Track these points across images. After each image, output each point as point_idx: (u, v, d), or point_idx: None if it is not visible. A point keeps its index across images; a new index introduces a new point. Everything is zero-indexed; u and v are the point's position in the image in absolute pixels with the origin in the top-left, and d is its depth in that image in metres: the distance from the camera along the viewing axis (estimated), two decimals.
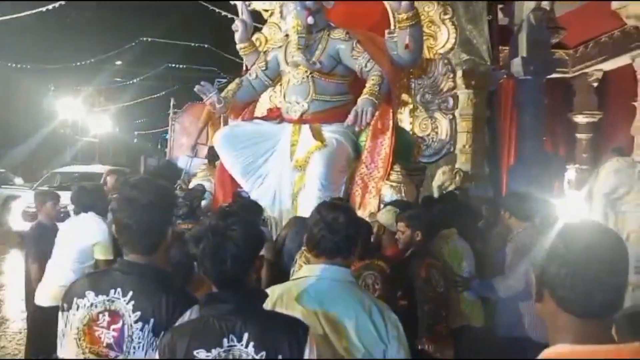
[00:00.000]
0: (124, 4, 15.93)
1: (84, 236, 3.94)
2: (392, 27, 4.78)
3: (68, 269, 3.82)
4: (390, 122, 4.18)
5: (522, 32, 6.33)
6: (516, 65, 6.35)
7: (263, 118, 4.71)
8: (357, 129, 3.99)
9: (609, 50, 10.14)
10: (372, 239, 3.01)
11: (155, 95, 22.06)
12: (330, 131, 4.19)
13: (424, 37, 4.56)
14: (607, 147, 10.97)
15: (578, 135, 11.49)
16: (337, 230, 1.84)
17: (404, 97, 4.90)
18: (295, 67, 4.37)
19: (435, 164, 5.61)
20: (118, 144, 32.24)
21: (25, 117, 22.06)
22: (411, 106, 4.90)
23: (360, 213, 3.70)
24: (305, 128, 4.25)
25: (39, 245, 4.47)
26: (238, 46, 5.01)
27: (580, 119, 11.40)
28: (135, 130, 33.49)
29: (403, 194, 3.85)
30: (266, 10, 5.66)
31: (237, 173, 4.33)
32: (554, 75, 8.44)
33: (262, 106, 5.11)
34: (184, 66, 20.05)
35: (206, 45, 17.00)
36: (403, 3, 4.02)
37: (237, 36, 4.93)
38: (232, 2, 5.39)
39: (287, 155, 4.23)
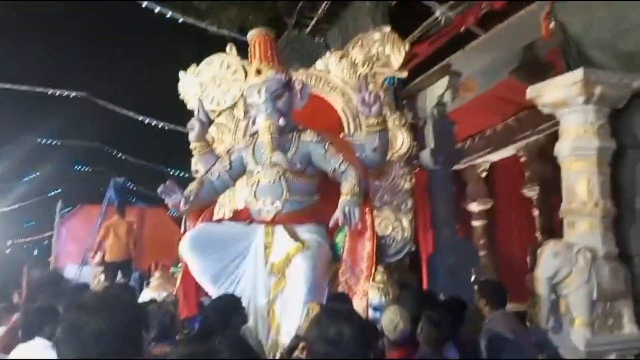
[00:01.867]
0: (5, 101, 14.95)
1: None
2: (346, 130, 4.98)
3: None
4: (369, 222, 4.08)
5: (427, 125, 6.65)
6: (425, 157, 6.60)
7: (231, 219, 4.50)
8: (347, 230, 3.91)
9: (494, 142, 11.02)
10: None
11: (37, 199, 20.39)
12: (307, 231, 4.02)
13: None
14: (500, 233, 11.72)
15: (474, 223, 12.12)
16: (343, 347, 1.60)
17: None
18: (270, 167, 4.25)
19: None
20: None
21: None
22: None
23: None
24: (279, 229, 4.06)
25: None
26: (192, 145, 4.76)
27: (474, 206, 12.08)
28: (10, 238, 30.43)
29: (390, 296, 3.65)
30: (214, 111, 5.53)
31: (207, 281, 4.00)
32: None
33: (222, 207, 4.95)
34: (73, 166, 18.87)
35: (97, 144, 16.21)
36: (373, 109, 4.07)
37: (192, 135, 4.70)
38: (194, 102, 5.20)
39: (260, 259, 3.95)
